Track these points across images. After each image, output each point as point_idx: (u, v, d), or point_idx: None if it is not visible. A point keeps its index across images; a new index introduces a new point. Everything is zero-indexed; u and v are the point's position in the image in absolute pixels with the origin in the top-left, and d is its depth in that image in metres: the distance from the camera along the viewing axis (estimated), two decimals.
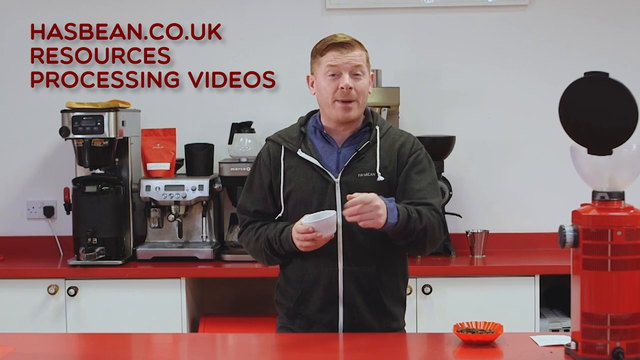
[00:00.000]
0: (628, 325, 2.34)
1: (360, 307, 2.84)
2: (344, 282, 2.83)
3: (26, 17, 4.71)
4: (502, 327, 2.66)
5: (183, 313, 4.15)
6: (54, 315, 4.15)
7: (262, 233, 2.89)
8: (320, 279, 2.84)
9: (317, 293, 2.85)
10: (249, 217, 2.96)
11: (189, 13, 4.71)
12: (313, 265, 2.85)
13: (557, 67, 4.61)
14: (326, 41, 2.86)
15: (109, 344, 2.82)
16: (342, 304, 2.84)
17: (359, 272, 2.83)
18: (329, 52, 2.83)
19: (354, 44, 2.84)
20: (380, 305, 2.86)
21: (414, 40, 4.69)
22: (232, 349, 2.89)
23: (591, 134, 2.38)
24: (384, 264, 2.87)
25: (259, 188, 2.94)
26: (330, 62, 2.82)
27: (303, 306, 2.88)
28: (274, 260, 2.92)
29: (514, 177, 4.70)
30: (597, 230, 2.34)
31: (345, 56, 2.82)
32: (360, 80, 2.83)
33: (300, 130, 2.92)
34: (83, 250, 4.18)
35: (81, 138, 4.23)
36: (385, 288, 2.87)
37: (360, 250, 2.83)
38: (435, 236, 2.82)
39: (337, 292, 2.83)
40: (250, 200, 2.96)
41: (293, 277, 2.90)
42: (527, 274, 4.12)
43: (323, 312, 2.86)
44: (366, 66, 2.87)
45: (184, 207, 4.37)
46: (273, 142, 2.94)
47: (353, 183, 2.82)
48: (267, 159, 2.92)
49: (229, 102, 4.70)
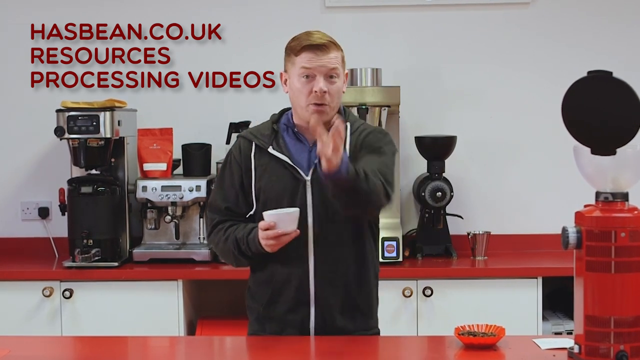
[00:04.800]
0: (632, 328, 2.32)
1: (333, 308, 2.82)
2: (315, 282, 2.81)
3: (26, 17, 4.69)
4: (504, 330, 2.64)
5: (180, 315, 4.13)
6: (49, 317, 4.13)
7: (231, 234, 2.87)
8: (290, 279, 2.82)
9: (287, 294, 2.83)
10: (219, 215, 2.93)
11: (189, 13, 4.70)
12: (283, 266, 2.82)
13: (559, 66, 4.59)
14: (301, 41, 2.80)
15: (104, 347, 2.81)
16: (314, 304, 2.81)
17: (331, 272, 2.81)
18: (303, 53, 2.78)
19: (329, 46, 2.78)
20: (353, 305, 2.84)
21: (414, 39, 4.67)
22: (230, 352, 2.87)
23: (594, 134, 2.36)
24: (356, 261, 2.84)
25: (229, 185, 2.92)
26: (305, 65, 2.77)
27: (273, 308, 2.86)
28: (242, 262, 2.90)
29: (516, 178, 4.68)
30: (600, 231, 2.33)
31: (320, 59, 2.77)
32: (334, 83, 2.80)
33: (273, 127, 2.89)
34: (78, 252, 4.16)
35: (76, 138, 4.21)
36: (358, 286, 2.85)
37: (332, 249, 2.81)
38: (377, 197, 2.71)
39: (308, 292, 2.81)
40: (221, 197, 2.93)
41: (263, 279, 2.88)
42: (530, 276, 4.11)
43: (294, 312, 2.83)
44: (341, 67, 2.83)
45: (181, 208, 4.35)
46: (244, 138, 2.92)
47: None
48: (238, 156, 2.90)
49: (229, 102, 4.68)
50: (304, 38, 2.80)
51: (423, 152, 4.45)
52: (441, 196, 4.34)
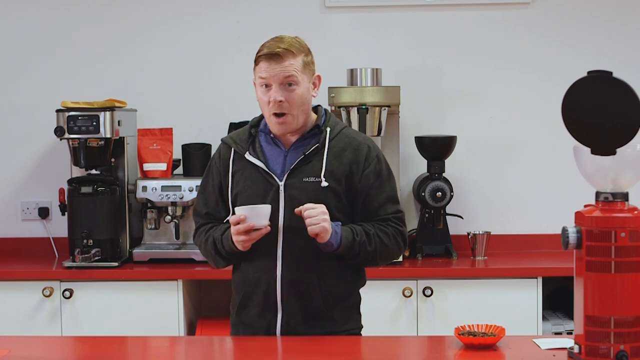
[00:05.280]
0: (632, 328, 2.32)
1: (297, 314, 2.80)
2: (282, 288, 2.78)
3: (27, 17, 4.69)
4: (504, 330, 2.64)
5: (180, 315, 4.13)
6: (49, 317, 4.12)
7: (210, 235, 2.88)
8: (259, 284, 2.81)
9: (256, 298, 2.83)
10: (201, 219, 2.94)
11: (189, 13, 4.69)
12: (254, 270, 2.82)
13: (559, 66, 4.59)
14: (258, 50, 2.80)
15: (104, 347, 2.80)
16: (281, 310, 2.80)
17: (298, 279, 2.78)
18: (261, 62, 2.77)
19: (284, 54, 2.74)
20: (320, 313, 2.80)
21: (414, 39, 4.67)
22: (230, 352, 2.86)
23: (594, 134, 2.36)
24: (327, 269, 2.80)
25: (211, 190, 2.92)
26: (261, 75, 2.77)
27: (245, 312, 2.86)
28: (220, 262, 2.91)
29: (516, 178, 4.67)
30: (600, 231, 2.33)
31: (274, 68, 2.75)
32: (293, 91, 2.75)
33: (250, 132, 2.88)
34: (78, 252, 4.15)
35: (76, 138, 4.21)
36: (327, 295, 2.80)
37: (300, 256, 2.78)
38: (388, 254, 2.85)
39: (275, 298, 2.79)
40: (203, 202, 2.94)
41: (238, 283, 2.89)
42: (530, 276, 4.10)
43: (261, 317, 2.83)
44: (302, 72, 2.77)
45: (181, 208, 4.34)
46: (224, 143, 2.93)
47: (297, 187, 2.77)
48: (218, 161, 2.91)
49: (229, 102, 4.67)
50: (261, 47, 2.80)
51: (423, 152, 4.44)
52: (441, 196, 4.33)
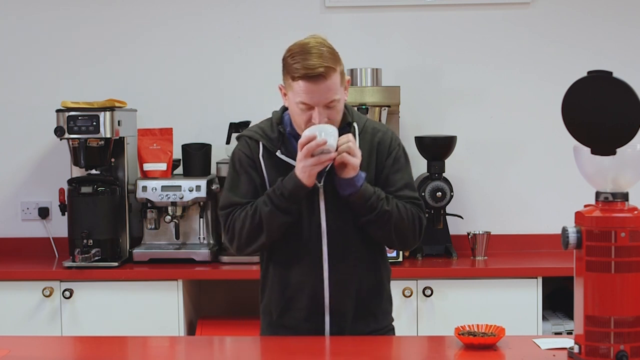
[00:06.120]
0: (632, 328, 2.32)
1: (348, 314, 2.79)
2: (330, 290, 2.77)
3: (27, 17, 4.69)
4: (504, 330, 2.64)
5: (180, 315, 4.12)
6: (49, 317, 4.12)
7: (255, 203, 2.73)
8: (304, 288, 2.78)
9: (301, 302, 2.79)
10: (233, 207, 2.79)
11: (189, 13, 4.69)
12: (298, 274, 2.78)
13: (560, 66, 4.59)
14: (298, 64, 2.64)
15: (104, 347, 2.80)
16: (329, 312, 2.79)
17: (345, 279, 2.77)
18: (301, 81, 2.64)
19: (327, 73, 2.63)
20: (368, 310, 2.82)
21: (414, 39, 4.67)
22: (230, 352, 2.86)
23: (594, 134, 2.36)
24: (369, 267, 2.82)
25: (246, 182, 2.78)
26: (302, 99, 2.65)
27: (288, 316, 2.82)
28: (275, 219, 2.70)
29: (516, 178, 4.67)
30: (600, 231, 2.33)
31: (317, 91, 2.64)
32: (335, 108, 2.70)
33: (279, 130, 2.80)
34: (78, 252, 4.15)
35: (76, 138, 4.20)
36: (371, 292, 2.82)
37: (345, 256, 2.77)
38: (403, 228, 2.75)
39: (322, 300, 2.77)
40: (239, 195, 2.78)
41: (276, 286, 2.83)
42: (530, 276, 4.10)
43: (308, 321, 2.80)
44: (341, 85, 2.70)
45: (181, 208, 4.34)
46: (250, 138, 2.82)
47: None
48: (250, 154, 2.79)
49: (229, 102, 4.67)
50: (301, 63, 2.64)
51: (423, 152, 4.44)
52: (441, 196, 4.33)
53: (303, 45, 2.70)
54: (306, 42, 2.71)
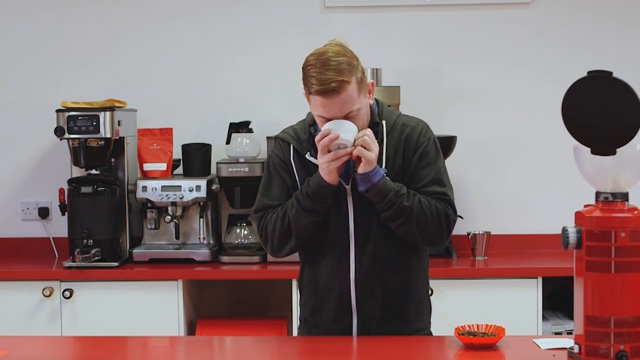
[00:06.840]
0: (632, 328, 2.32)
1: (375, 317, 2.79)
2: (357, 292, 2.76)
3: (28, 16, 4.69)
4: (504, 330, 2.64)
5: (180, 315, 4.12)
6: (49, 317, 4.12)
7: (285, 206, 2.75)
8: (332, 290, 2.78)
9: (329, 304, 2.80)
10: (267, 209, 2.81)
11: (189, 13, 4.69)
12: (326, 275, 2.78)
13: (560, 66, 4.58)
14: (312, 80, 2.62)
15: (104, 347, 2.81)
16: (356, 315, 2.79)
17: (372, 281, 2.76)
18: (316, 96, 2.63)
19: (340, 87, 2.61)
20: (396, 312, 2.80)
21: (414, 39, 4.67)
22: (230, 352, 2.86)
23: (594, 134, 2.36)
24: (399, 270, 2.79)
25: (279, 184, 2.80)
26: (319, 113, 2.66)
27: (318, 316, 2.84)
28: (302, 220, 2.71)
29: (516, 178, 4.67)
30: (600, 231, 2.32)
31: (332, 104, 2.62)
32: (355, 116, 2.67)
33: (310, 131, 2.80)
34: (78, 252, 4.15)
35: (76, 138, 4.20)
36: (400, 294, 2.80)
37: (373, 259, 2.75)
38: (426, 225, 2.71)
39: (349, 302, 2.77)
40: (272, 198, 2.80)
41: (308, 287, 2.85)
42: (530, 276, 4.10)
43: (335, 323, 2.80)
44: (359, 94, 2.67)
45: (181, 208, 4.33)
46: (282, 140, 2.83)
47: None
48: (283, 156, 2.81)
49: (229, 102, 4.67)
50: (315, 77, 2.62)
51: None
52: None
53: (319, 56, 2.66)
54: (323, 52, 2.68)
